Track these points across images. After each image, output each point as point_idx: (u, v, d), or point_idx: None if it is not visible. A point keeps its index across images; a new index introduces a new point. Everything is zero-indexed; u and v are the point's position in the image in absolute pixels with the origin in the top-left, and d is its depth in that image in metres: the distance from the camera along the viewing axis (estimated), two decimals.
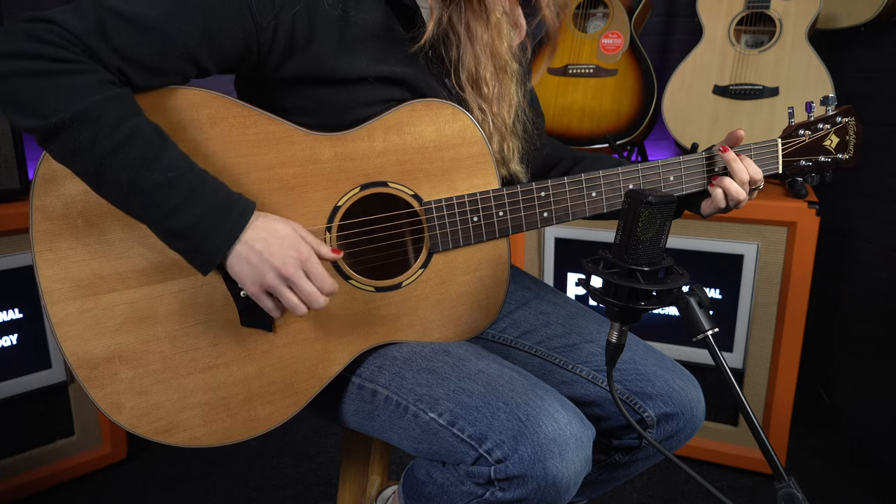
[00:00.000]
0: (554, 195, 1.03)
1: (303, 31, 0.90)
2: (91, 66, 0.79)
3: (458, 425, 0.88)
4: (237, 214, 0.84)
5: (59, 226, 0.86)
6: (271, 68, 0.92)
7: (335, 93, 0.95)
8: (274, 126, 0.93)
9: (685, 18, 2.27)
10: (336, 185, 0.96)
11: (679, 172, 1.08)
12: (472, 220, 1.01)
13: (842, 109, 1.12)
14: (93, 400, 0.89)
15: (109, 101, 0.79)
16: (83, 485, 1.84)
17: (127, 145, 0.78)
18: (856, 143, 1.13)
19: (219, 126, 0.90)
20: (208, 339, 0.92)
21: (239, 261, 0.85)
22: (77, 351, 0.87)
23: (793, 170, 1.13)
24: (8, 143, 1.62)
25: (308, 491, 1.85)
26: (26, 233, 1.65)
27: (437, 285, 1.03)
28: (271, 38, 0.89)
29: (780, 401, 1.80)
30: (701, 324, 0.77)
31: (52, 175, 0.85)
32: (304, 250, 0.87)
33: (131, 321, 0.89)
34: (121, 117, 0.79)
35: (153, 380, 0.90)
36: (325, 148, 0.95)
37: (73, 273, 0.87)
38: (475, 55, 1.01)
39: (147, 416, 0.91)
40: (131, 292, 0.89)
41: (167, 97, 0.87)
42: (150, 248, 0.89)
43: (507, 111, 1.07)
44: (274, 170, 0.93)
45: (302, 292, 0.87)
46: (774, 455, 0.73)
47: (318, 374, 0.98)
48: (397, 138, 0.98)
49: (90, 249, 0.87)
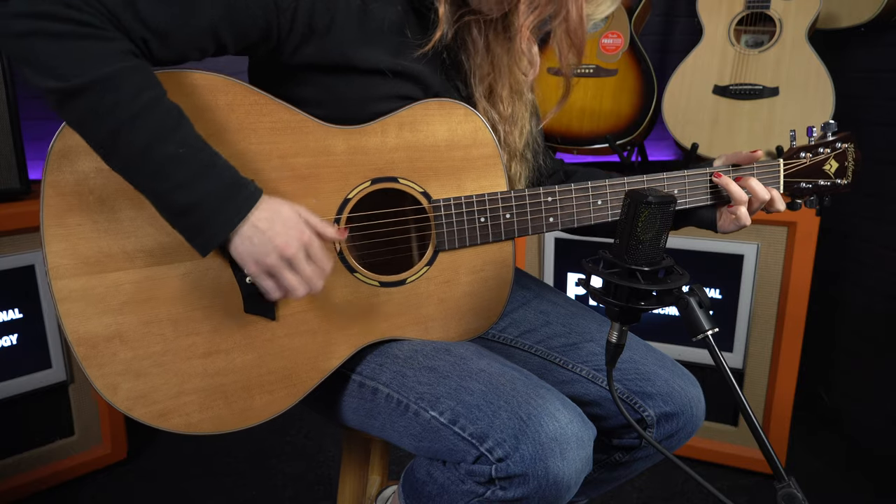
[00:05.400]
0: (560, 201, 1.04)
1: (322, 17, 0.91)
2: (115, 34, 0.79)
3: (459, 424, 0.89)
4: (244, 198, 0.84)
5: (70, 201, 0.86)
6: (288, 52, 0.92)
7: (350, 84, 0.95)
8: (289, 115, 0.93)
9: (685, 18, 2.28)
10: (347, 177, 0.97)
11: (683, 186, 1.09)
12: (480, 220, 1.02)
13: (841, 136, 1.15)
14: (89, 379, 0.88)
15: (132, 70, 0.79)
16: (83, 485, 1.84)
17: (145, 114, 0.79)
18: (854, 170, 1.16)
19: (235, 112, 0.90)
20: (211, 324, 0.92)
21: (242, 241, 0.85)
22: (78, 328, 0.87)
23: (793, 191, 1.16)
24: (8, 142, 1.62)
25: (308, 491, 1.85)
26: (26, 233, 1.66)
27: (441, 284, 1.03)
28: (291, 19, 0.89)
29: (780, 401, 1.80)
30: (701, 324, 0.77)
31: (66, 150, 0.85)
32: (306, 232, 0.87)
33: (135, 301, 0.89)
34: (141, 87, 0.79)
35: (152, 362, 0.90)
36: (339, 140, 0.95)
37: (80, 249, 0.86)
38: (493, 71, 1.03)
39: (143, 399, 0.90)
40: (137, 272, 0.89)
41: (186, 80, 0.88)
42: (159, 228, 0.88)
43: (518, 134, 1.09)
44: (287, 159, 0.93)
45: (302, 274, 0.87)
46: (774, 455, 0.73)
47: (318, 367, 0.98)
48: (410, 135, 0.98)
49: (99, 227, 0.87)
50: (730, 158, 1.12)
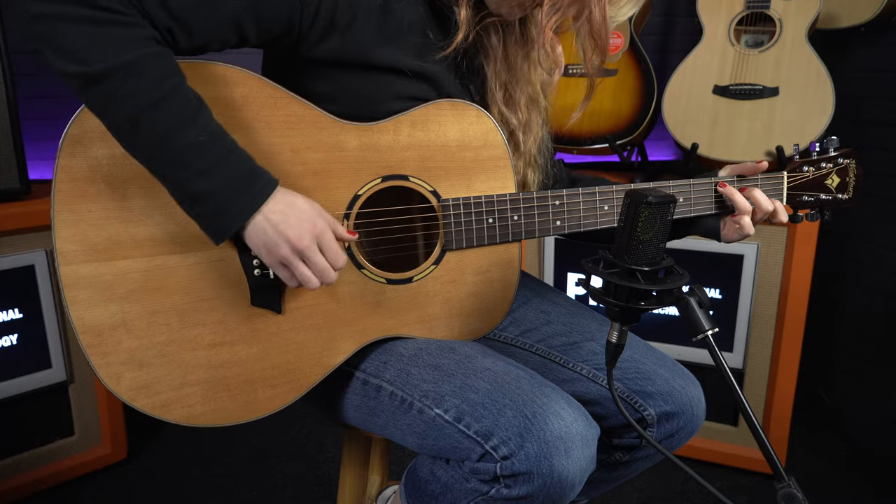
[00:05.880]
0: (568, 205, 1.05)
1: (344, 13, 0.91)
2: (139, 21, 0.79)
3: (464, 421, 0.89)
4: (260, 187, 0.85)
5: (82, 187, 0.86)
6: (308, 46, 0.93)
7: (366, 81, 0.96)
8: (304, 110, 0.93)
9: (685, 18, 2.28)
10: (359, 174, 0.97)
11: (689, 194, 1.10)
12: (488, 221, 1.02)
13: (844, 151, 1.17)
14: (93, 367, 0.88)
15: (154, 57, 0.79)
16: (83, 485, 1.84)
17: (167, 101, 0.79)
18: (855, 186, 1.18)
19: (251, 105, 0.90)
20: (217, 315, 0.92)
21: (256, 231, 0.85)
22: (84, 315, 0.87)
23: (795, 204, 1.18)
24: (8, 142, 1.62)
25: (308, 491, 1.85)
26: (26, 233, 1.65)
27: (447, 283, 1.03)
28: (314, 13, 0.90)
29: (780, 401, 1.80)
30: (701, 324, 0.77)
31: (80, 136, 0.85)
32: (319, 224, 0.88)
33: (143, 290, 0.89)
34: (163, 74, 0.80)
35: (156, 352, 0.90)
36: (352, 137, 0.96)
37: (89, 236, 0.86)
38: (511, 78, 1.04)
39: (146, 390, 0.90)
40: (146, 261, 0.88)
41: (202, 71, 0.88)
42: (169, 217, 0.88)
43: (532, 140, 1.10)
44: (300, 153, 0.93)
45: (315, 266, 0.88)
46: (774, 455, 0.73)
47: (322, 362, 0.98)
48: (422, 134, 0.99)
49: (109, 214, 0.87)
50: (735, 169, 1.14)
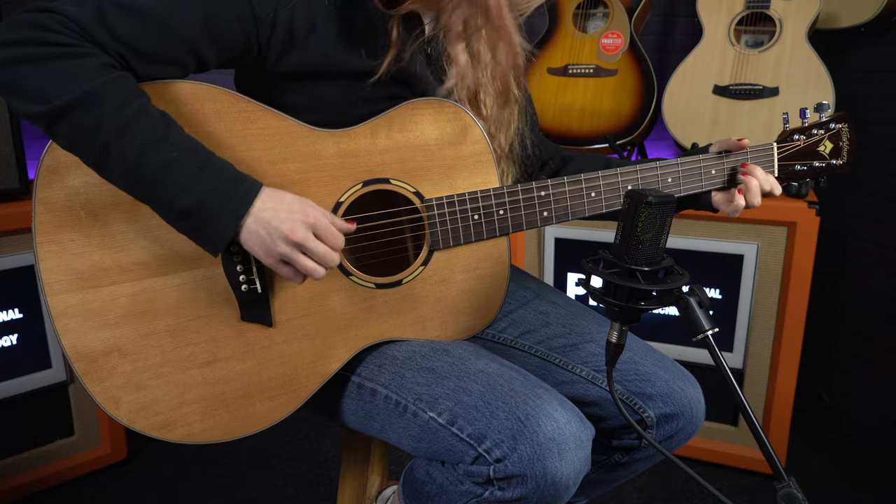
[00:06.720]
0: (554, 195, 1.04)
1: (302, 25, 0.91)
2: (92, 50, 0.79)
3: (457, 424, 0.89)
4: (244, 190, 0.84)
5: (62, 217, 0.86)
6: (271, 62, 0.92)
7: (335, 88, 0.95)
8: (277, 121, 0.93)
9: (685, 18, 2.27)
10: (338, 181, 0.96)
11: (677, 174, 1.09)
12: (473, 217, 1.02)
13: (835, 116, 1.14)
14: (91, 394, 0.88)
15: (112, 83, 0.79)
16: (83, 485, 1.84)
17: (132, 125, 0.79)
18: (849, 149, 1.15)
19: (223, 120, 0.90)
20: (208, 333, 0.92)
21: (250, 234, 0.85)
22: (76, 344, 0.87)
23: (788, 174, 1.15)
24: (8, 142, 1.62)
25: (308, 491, 1.85)
26: (26, 233, 1.65)
27: (438, 283, 1.03)
28: (270, 29, 0.89)
29: (780, 401, 1.80)
30: (701, 324, 0.77)
31: (56, 166, 0.85)
32: (311, 213, 0.87)
33: (132, 314, 0.89)
34: (124, 98, 0.79)
35: (152, 374, 0.90)
36: (328, 144, 0.95)
37: (74, 265, 0.86)
38: (476, 77, 1.02)
39: (145, 412, 0.90)
40: (132, 285, 0.89)
41: (172, 90, 0.87)
42: (152, 240, 0.89)
43: (503, 137, 1.08)
44: (277, 165, 0.93)
45: (315, 254, 0.87)
46: (774, 455, 0.73)
47: (318, 371, 0.98)
48: (400, 136, 0.98)
49: (92, 241, 0.87)
50: (721, 145, 1.12)
